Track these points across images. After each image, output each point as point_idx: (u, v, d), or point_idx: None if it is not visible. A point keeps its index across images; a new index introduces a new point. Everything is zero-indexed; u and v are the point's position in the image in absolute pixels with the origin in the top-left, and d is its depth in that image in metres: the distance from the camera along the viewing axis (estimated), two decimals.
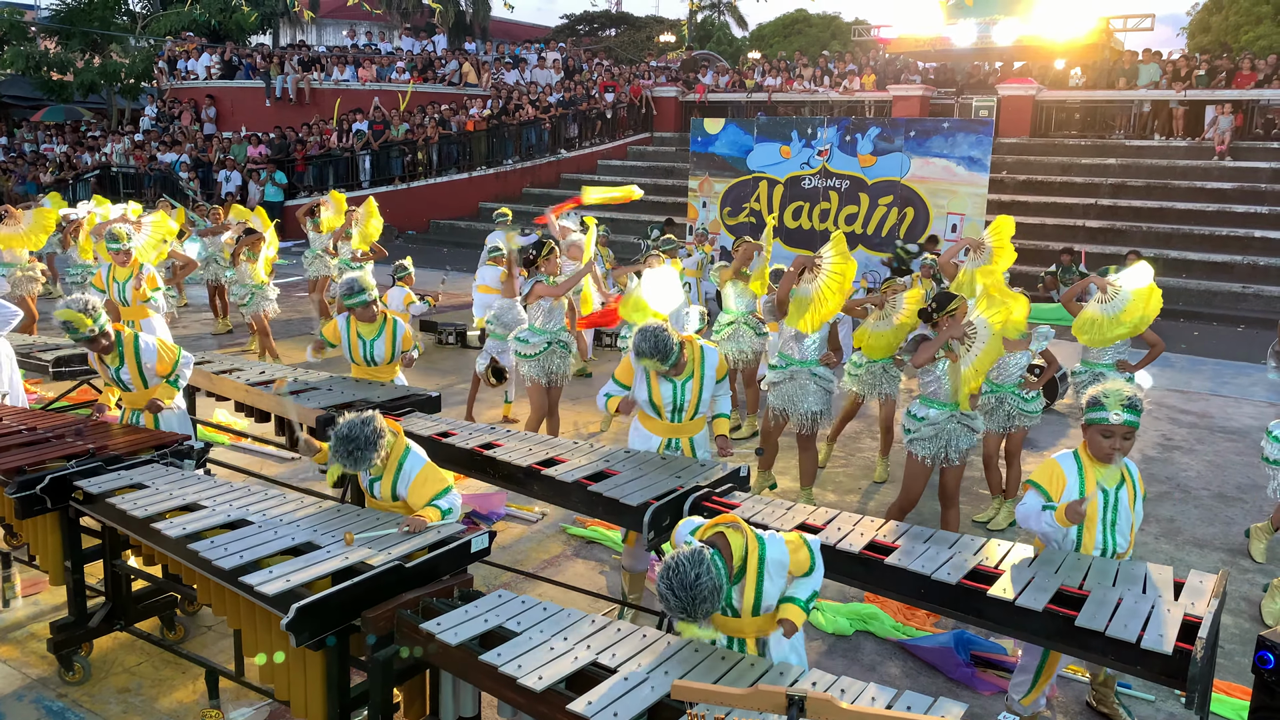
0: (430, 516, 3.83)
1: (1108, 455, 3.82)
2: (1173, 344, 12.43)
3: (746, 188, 16.19)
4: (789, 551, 3.17)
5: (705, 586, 2.82)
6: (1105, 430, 3.79)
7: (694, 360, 4.85)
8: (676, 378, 4.85)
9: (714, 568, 2.86)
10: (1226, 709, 4.31)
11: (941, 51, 23.46)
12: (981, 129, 14.69)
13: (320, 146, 23.05)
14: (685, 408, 4.91)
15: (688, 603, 2.82)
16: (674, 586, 2.83)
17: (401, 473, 4.00)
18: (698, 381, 4.84)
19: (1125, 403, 3.74)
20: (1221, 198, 17.19)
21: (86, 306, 5.00)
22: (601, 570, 5.69)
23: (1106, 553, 3.89)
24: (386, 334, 6.08)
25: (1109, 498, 3.86)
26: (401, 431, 4.11)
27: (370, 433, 3.82)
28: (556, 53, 28.83)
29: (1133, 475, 3.93)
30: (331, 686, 3.44)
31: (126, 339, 5.18)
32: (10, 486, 4.19)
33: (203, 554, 3.55)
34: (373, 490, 4.14)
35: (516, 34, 39.69)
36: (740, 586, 3.13)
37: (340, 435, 3.81)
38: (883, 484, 7.22)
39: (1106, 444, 3.80)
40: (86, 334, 5.02)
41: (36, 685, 4.32)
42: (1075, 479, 3.87)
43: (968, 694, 4.46)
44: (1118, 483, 3.88)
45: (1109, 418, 3.76)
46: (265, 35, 35.61)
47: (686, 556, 2.85)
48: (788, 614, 3.15)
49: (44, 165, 24.19)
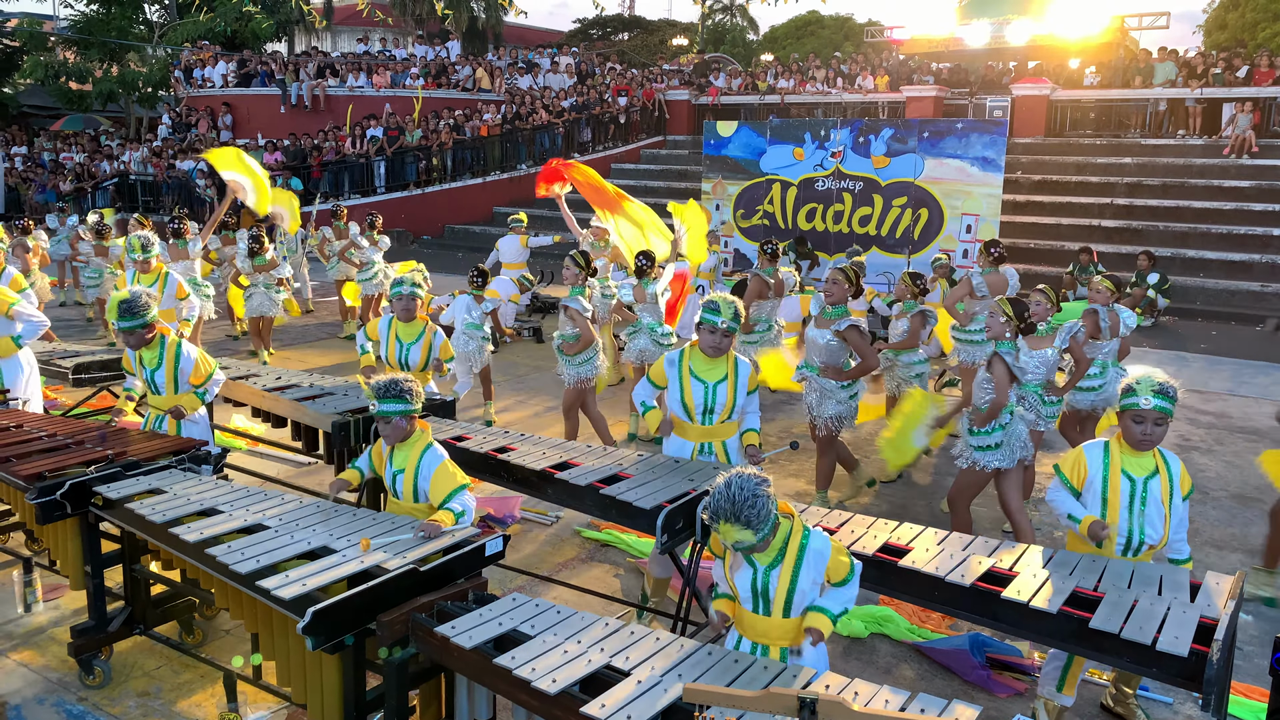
0: (445, 520, 3.88)
1: (1139, 441, 3.87)
2: (1191, 344, 12.37)
3: (760, 190, 16.18)
4: (831, 551, 3.20)
5: (761, 501, 2.96)
6: (1137, 415, 3.84)
7: (729, 364, 4.83)
8: (709, 379, 4.81)
9: (771, 497, 2.99)
10: (1245, 711, 4.28)
11: (955, 52, 23.39)
12: (995, 129, 14.63)
13: (335, 153, 23.20)
14: (717, 410, 4.84)
15: (740, 504, 2.93)
16: (733, 487, 2.96)
17: (421, 466, 4.12)
18: (731, 385, 4.80)
19: (1156, 389, 3.81)
20: (1239, 196, 17.05)
21: (144, 295, 5.11)
22: (616, 573, 5.70)
23: (1132, 542, 3.89)
24: (424, 341, 6.13)
25: (1136, 486, 3.87)
26: (429, 429, 4.27)
27: (408, 386, 4.08)
28: (569, 57, 28.90)
29: (1170, 468, 3.91)
30: (348, 690, 3.47)
31: (170, 343, 5.28)
32: (31, 492, 4.23)
33: (220, 558, 3.58)
34: (395, 487, 4.21)
35: (530, 39, 39.87)
36: (778, 571, 3.15)
37: (383, 380, 4.09)
38: (893, 483, 7.20)
39: (1138, 430, 3.86)
40: (141, 320, 5.09)
41: (57, 688, 4.37)
42: (1099, 467, 3.93)
43: (983, 696, 4.45)
44: (1149, 472, 3.88)
45: (1139, 403, 3.82)
46: (280, 43, 35.88)
47: (752, 475, 3.01)
48: (814, 622, 3.18)
49: (63, 174, 24.44)
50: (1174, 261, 15.97)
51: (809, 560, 3.16)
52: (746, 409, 4.94)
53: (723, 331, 4.69)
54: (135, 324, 5.11)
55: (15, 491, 4.55)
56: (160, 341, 5.26)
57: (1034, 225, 17.39)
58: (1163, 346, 12.32)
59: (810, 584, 3.18)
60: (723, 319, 4.67)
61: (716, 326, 4.69)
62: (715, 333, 4.71)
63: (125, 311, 5.07)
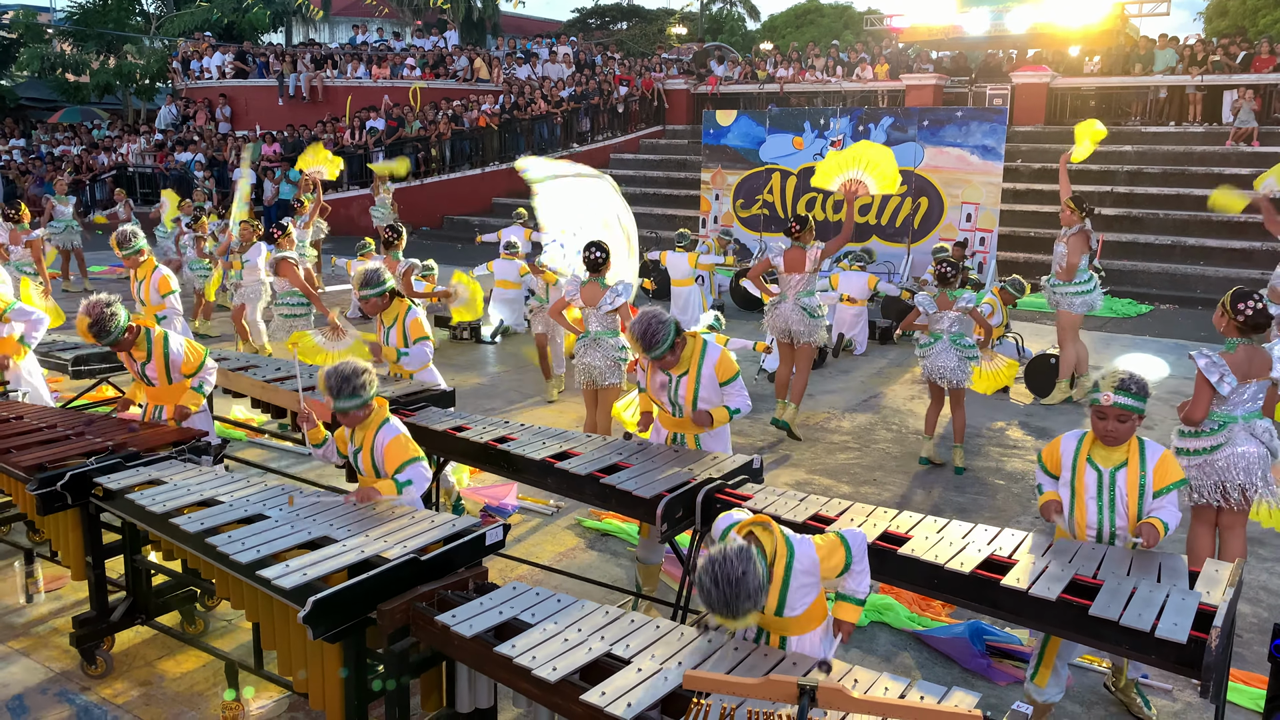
0: (385, 490, 4.03)
1: (1103, 436, 3.87)
2: (1192, 332, 12.36)
3: (759, 179, 16.16)
4: (820, 558, 3.11)
5: (750, 584, 2.71)
6: (1098, 411, 3.85)
7: (692, 358, 4.78)
8: (672, 371, 4.81)
9: (759, 566, 2.76)
10: (1244, 698, 4.30)
11: (954, 40, 23.32)
12: (995, 117, 14.61)
13: (334, 144, 23.15)
14: (680, 404, 4.85)
15: (731, 599, 2.70)
16: (719, 580, 2.71)
17: (377, 441, 4.21)
18: (692, 379, 4.78)
19: (1117, 384, 3.79)
20: (1240, 184, 16.94)
21: (105, 311, 5.01)
22: (616, 563, 5.71)
23: (1103, 533, 3.89)
24: (398, 324, 6.13)
25: (1103, 477, 3.87)
26: (386, 405, 4.35)
27: (356, 369, 4.12)
28: (568, 47, 28.81)
29: (1146, 460, 3.85)
30: (349, 679, 3.48)
31: (156, 337, 5.26)
32: (32, 483, 4.24)
33: (220, 548, 3.59)
34: (357, 464, 4.31)
35: (528, 29, 39.72)
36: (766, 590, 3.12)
37: (331, 370, 4.13)
38: (901, 474, 7.22)
39: (1100, 425, 3.86)
40: (111, 337, 5.09)
41: (60, 679, 4.38)
42: (1070, 457, 3.96)
43: (983, 684, 4.46)
44: (1118, 464, 3.86)
45: (1099, 398, 3.83)
46: (278, 34, 35.77)
47: (733, 552, 2.74)
48: (843, 614, 3.19)
49: (61, 167, 24.39)
50: (1174, 249, 15.95)
51: (795, 577, 3.07)
52: (729, 391, 4.82)
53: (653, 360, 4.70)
54: (111, 338, 5.09)
55: (16, 483, 4.56)
56: (145, 336, 5.24)
57: (1034, 214, 17.35)
58: (1163, 335, 12.32)
59: (801, 594, 3.09)
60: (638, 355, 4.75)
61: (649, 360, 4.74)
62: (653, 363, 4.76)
63: (97, 333, 5.04)
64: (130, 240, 7.81)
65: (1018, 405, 9.06)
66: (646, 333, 4.54)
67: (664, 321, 4.58)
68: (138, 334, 5.21)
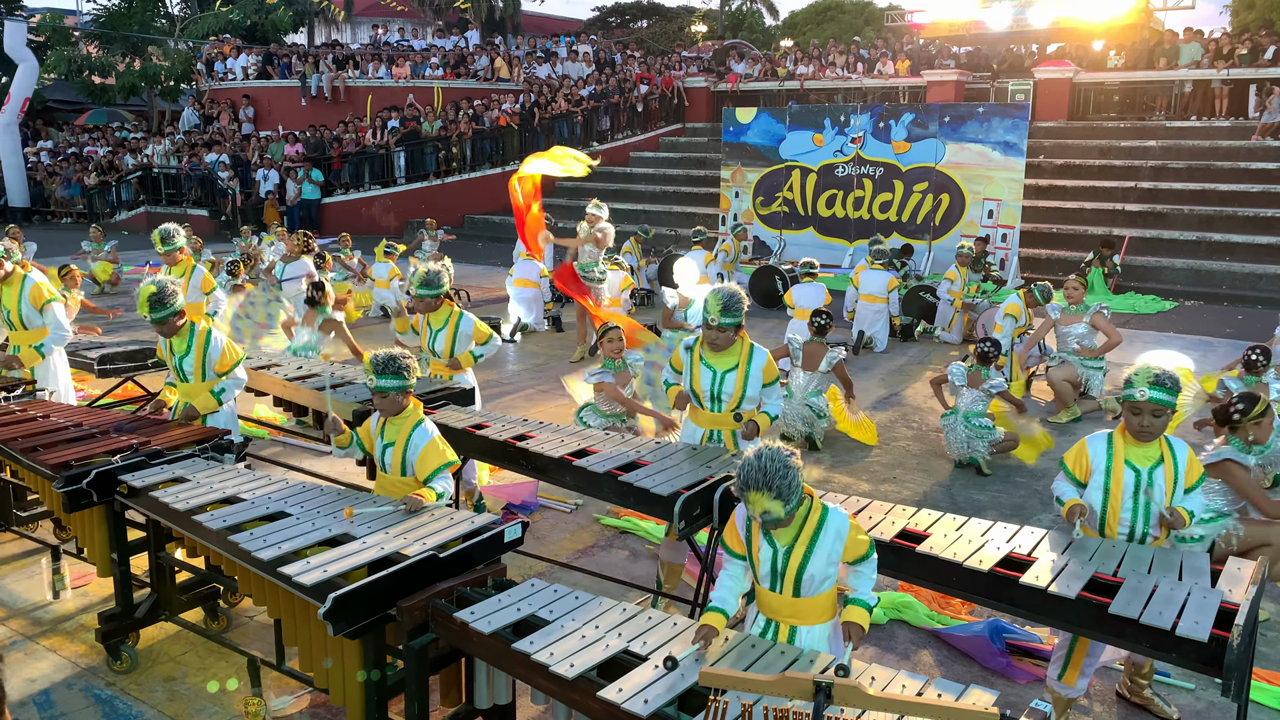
0: (428, 497, 4.03)
1: (1138, 432, 3.84)
2: (1217, 328, 12.22)
3: (779, 177, 16.12)
4: (850, 529, 3.17)
5: (791, 472, 2.96)
6: (1133, 407, 3.83)
7: (742, 353, 4.81)
8: (718, 366, 4.82)
9: (800, 474, 3.01)
10: (1267, 697, 4.25)
11: (976, 35, 23.19)
12: (1017, 113, 14.49)
13: (356, 144, 23.29)
14: (724, 399, 4.83)
15: (771, 475, 2.93)
16: (764, 458, 2.96)
17: (412, 440, 4.22)
18: (741, 374, 4.78)
19: (1152, 380, 3.77)
20: (1266, 178, 16.81)
21: (169, 286, 5.19)
22: (634, 560, 5.72)
23: (1134, 533, 3.86)
24: (449, 328, 6.18)
25: (1141, 476, 3.84)
26: (420, 406, 4.38)
27: (405, 363, 4.19)
28: (588, 45, 28.84)
29: (1176, 456, 3.86)
30: (369, 675, 3.50)
31: (200, 330, 5.36)
32: (58, 481, 4.30)
33: (242, 545, 3.63)
34: (384, 460, 4.32)
35: (548, 28, 39.81)
36: (791, 548, 3.14)
37: (381, 356, 4.18)
38: (921, 472, 7.19)
39: (1135, 421, 3.83)
40: (170, 309, 5.18)
41: (86, 674, 4.45)
42: (1102, 459, 3.91)
43: (1003, 683, 4.44)
44: (1154, 462, 3.84)
45: (1134, 394, 3.80)
46: (300, 35, 36.02)
47: (785, 448, 3.01)
48: (853, 617, 3.17)
49: (87, 168, 24.68)
50: (1200, 245, 15.78)
51: (825, 539, 3.12)
52: (767, 395, 4.87)
53: (715, 328, 4.69)
54: (165, 314, 5.19)
55: (43, 480, 4.63)
56: (190, 329, 5.34)
57: (1057, 210, 17.22)
58: (1188, 331, 12.19)
59: (825, 564, 3.15)
60: (710, 315, 4.69)
61: (709, 324, 4.71)
62: (710, 329, 4.73)
63: (155, 304, 5.15)
64: (172, 237, 7.90)
65: (1037, 403, 9.00)
66: (732, 299, 4.67)
67: (741, 299, 4.74)
68: (185, 322, 5.32)
